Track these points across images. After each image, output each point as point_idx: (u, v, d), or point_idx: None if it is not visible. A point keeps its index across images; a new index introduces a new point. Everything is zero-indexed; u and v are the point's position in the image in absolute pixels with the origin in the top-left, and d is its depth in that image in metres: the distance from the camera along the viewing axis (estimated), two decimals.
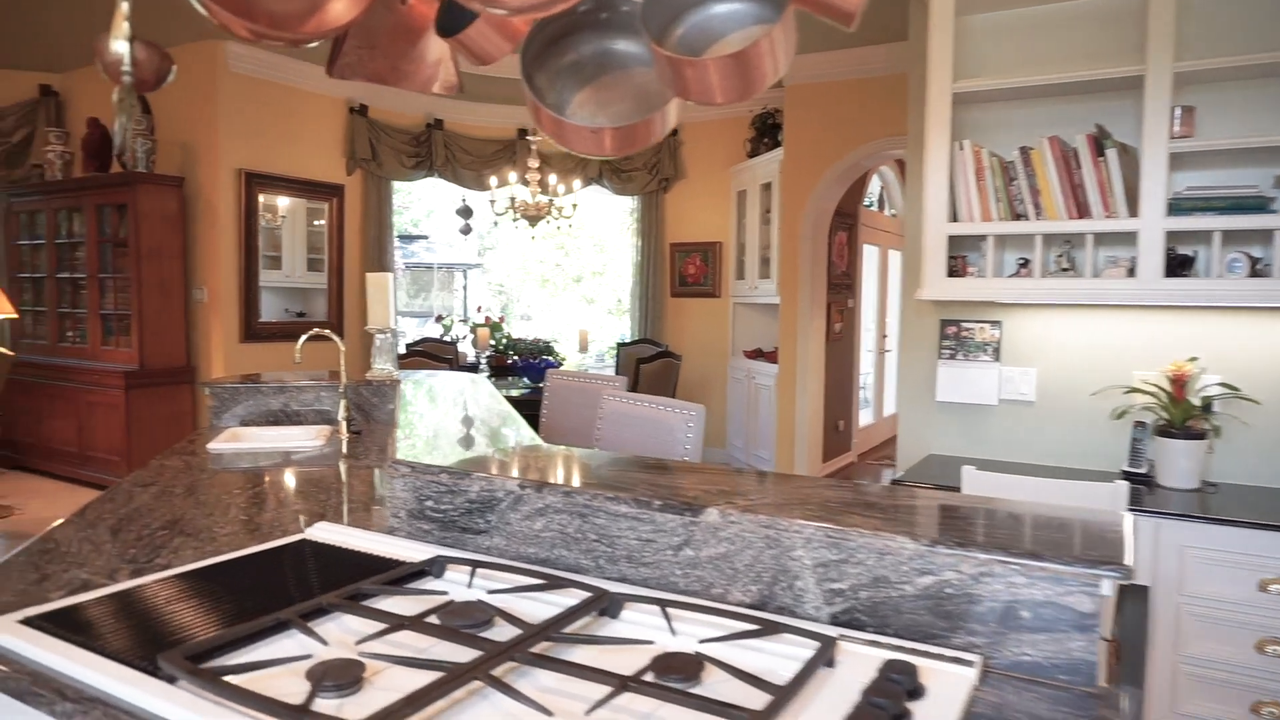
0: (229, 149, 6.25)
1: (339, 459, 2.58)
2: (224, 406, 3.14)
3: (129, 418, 5.97)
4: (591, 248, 17.62)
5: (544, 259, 17.32)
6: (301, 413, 3.18)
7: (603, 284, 17.69)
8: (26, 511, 5.67)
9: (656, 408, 2.42)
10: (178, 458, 2.56)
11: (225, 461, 2.53)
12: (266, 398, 3.16)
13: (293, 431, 2.96)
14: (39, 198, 6.75)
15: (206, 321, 6.38)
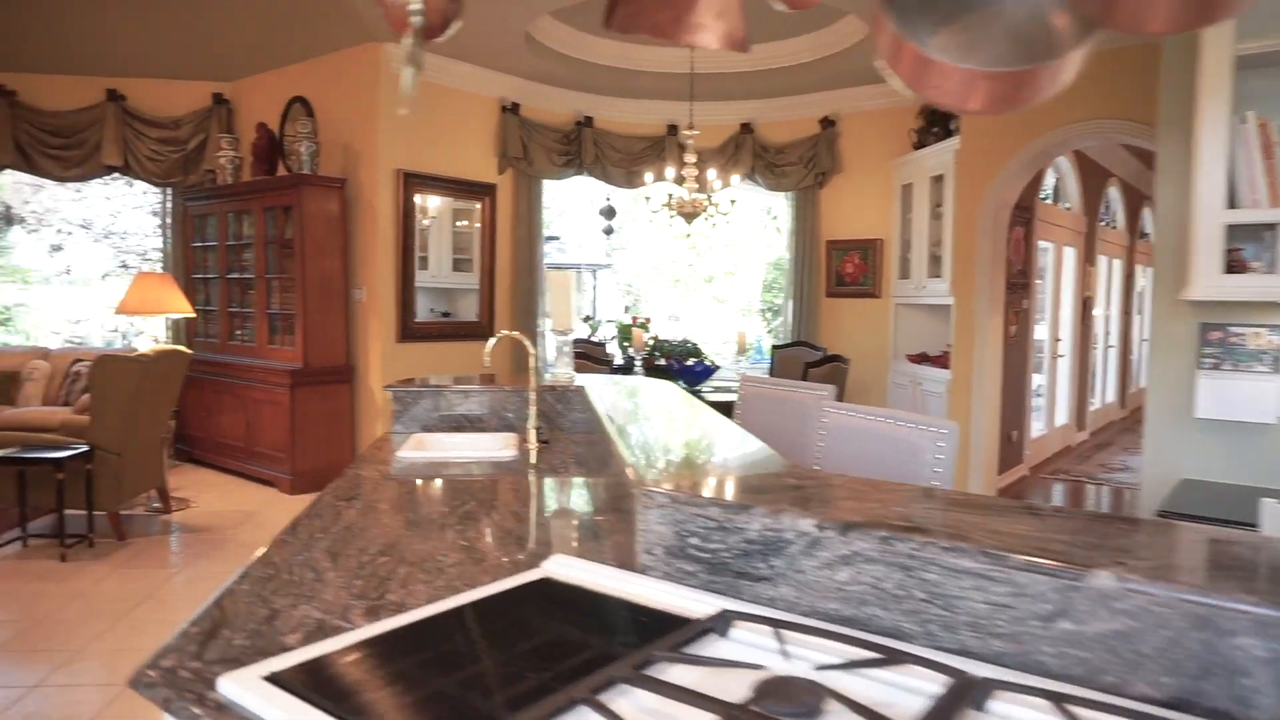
0: (388, 149, 6.29)
1: (533, 470, 2.40)
2: (405, 410, 3.03)
3: (293, 415, 6.08)
4: (724, 247, 17.28)
5: (675, 258, 17.13)
6: (484, 418, 3.03)
7: (734, 284, 17.35)
8: (200, 504, 5.85)
9: (896, 423, 2.12)
10: (370, 467, 2.43)
11: (418, 472, 2.38)
12: (450, 402, 3.03)
13: (480, 440, 2.81)
14: (211, 201, 7.00)
15: (365, 321, 6.45)
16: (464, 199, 6.87)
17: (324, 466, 6.29)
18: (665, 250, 16.40)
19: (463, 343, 6.88)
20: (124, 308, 5.51)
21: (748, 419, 3.05)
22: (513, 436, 2.85)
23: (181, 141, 7.37)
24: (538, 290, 7.32)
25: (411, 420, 3.04)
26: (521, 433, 2.93)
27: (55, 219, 9.98)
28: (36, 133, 7.25)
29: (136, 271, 10.15)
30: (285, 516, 5.50)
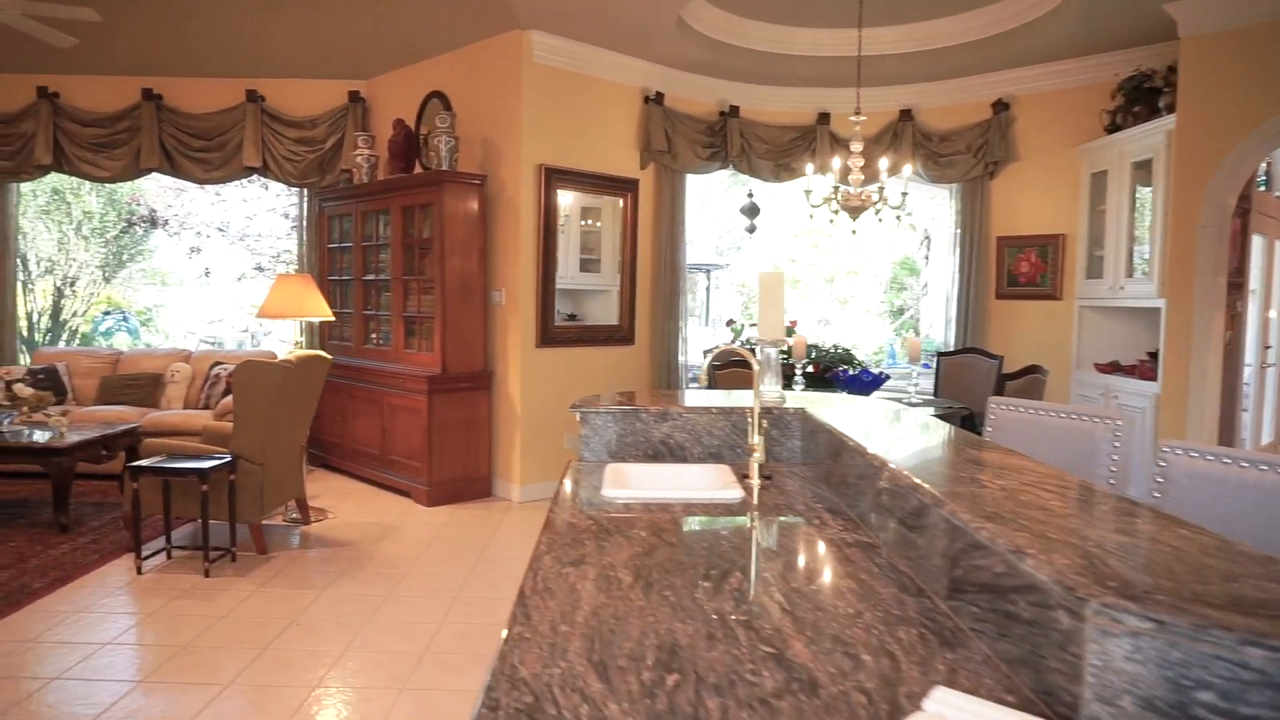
0: (531, 144, 5.95)
1: (773, 518, 1.92)
2: (596, 434, 2.60)
3: (430, 423, 5.81)
4: (848, 245, 16.48)
5: (796, 258, 16.47)
6: (685, 445, 2.57)
7: (856, 284, 16.56)
8: (337, 514, 5.63)
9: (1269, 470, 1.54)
10: (575, 511, 2.00)
11: (636, 518, 1.93)
12: (646, 426, 2.58)
13: (688, 474, 2.35)
14: (347, 201, 6.83)
15: (503, 325, 6.13)
16: (606, 195, 6.48)
17: (461, 477, 6.00)
18: (786, 249, 15.77)
19: (602, 348, 6.49)
20: (265, 311, 5.33)
21: None
22: (725, 470, 2.37)
23: (318, 141, 7.24)
24: (680, 291, 6.87)
25: (600, 446, 2.61)
26: (734, 464, 2.45)
27: (194, 222, 10.13)
28: (181, 135, 7.25)
29: (275, 274, 10.22)
30: (425, 531, 5.21)
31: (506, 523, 5.50)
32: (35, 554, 4.67)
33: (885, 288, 15.78)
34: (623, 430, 2.59)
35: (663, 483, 2.30)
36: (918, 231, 13.56)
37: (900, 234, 15.55)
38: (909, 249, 14.74)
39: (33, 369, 6.87)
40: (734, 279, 17.86)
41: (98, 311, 10.32)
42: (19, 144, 7.25)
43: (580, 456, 2.62)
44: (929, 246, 14.20)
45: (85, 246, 9.61)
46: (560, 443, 6.26)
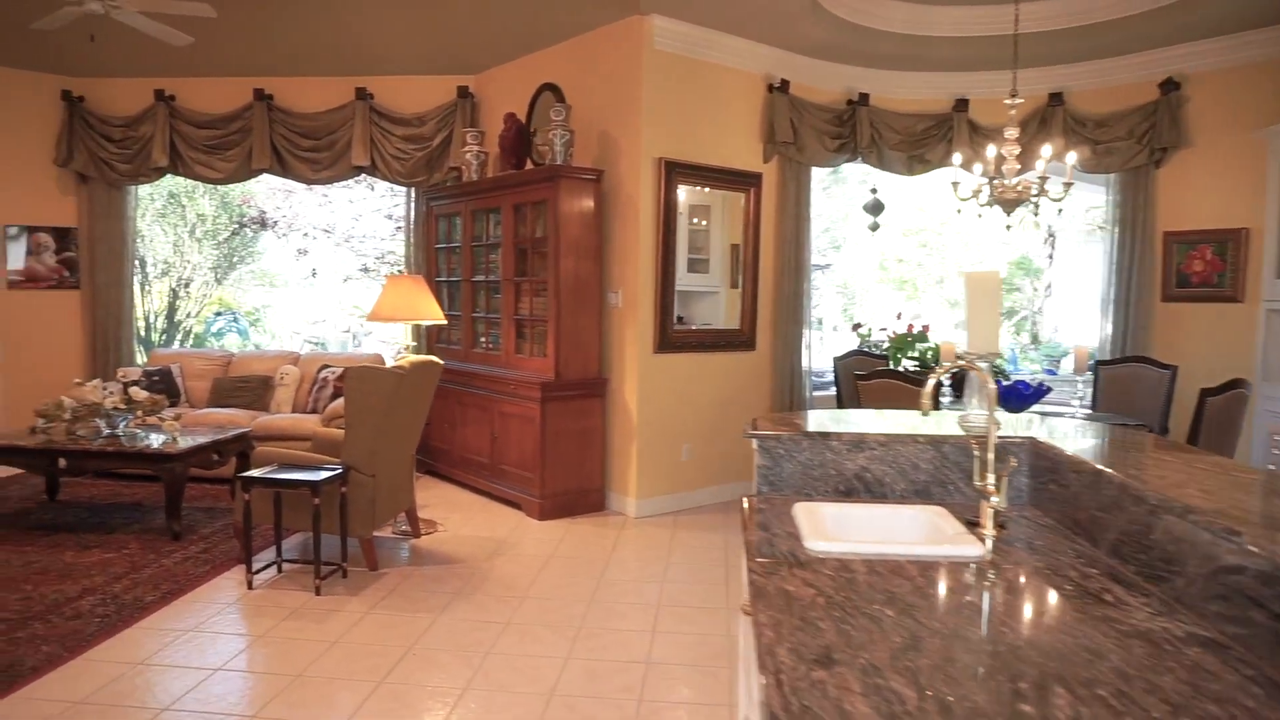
0: (651, 136, 5.58)
1: (1036, 583, 1.47)
2: (776, 465, 2.19)
3: (544, 432, 5.50)
4: (961, 244, 15.63)
5: (904, 257, 15.71)
6: (885, 480, 2.14)
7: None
8: (447, 527, 5.37)
9: None
10: (789, 574, 1.59)
11: (861, 582, 1.52)
12: (838, 456, 2.16)
13: (899, 517, 1.93)
14: (456, 200, 6.60)
15: (620, 329, 5.78)
16: (727, 190, 6.06)
17: (574, 490, 5.68)
18: (892, 248, 15.03)
19: (722, 354, 6.08)
20: (376, 314, 5.11)
21: None
22: (943, 514, 1.93)
23: (426, 139, 7.05)
24: (804, 294, 6.40)
25: (781, 478, 2.20)
26: (943, 502, 2.01)
27: (301, 224, 10.16)
28: (291, 135, 7.16)
29: (380, 275, 10.17)
30: (539, 548, 4.89)
31: (624, 541, 5.14)
32: (149, 563, 4.54)
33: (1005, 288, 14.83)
34: (809, 461, 2.17)
35: (872, 530, 1.88)
36: (1041, 228, 12.67)
37: (1022, 231, 14.56)
38: (1026, 247, 13.82)
39: (148, 370, 6.88)
40: (835, 280, 17.16)
41: (210, 312, 10.47)
42: (137, 147, 7.29)
43: (756, 490, 2.22)
44: (1054, 245, 13.28)
45: (199, 249, 9.73)
46: (678, 454, 5.87)
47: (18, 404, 7.23)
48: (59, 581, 4.22)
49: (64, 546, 4.80)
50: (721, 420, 6.10)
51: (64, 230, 7.45)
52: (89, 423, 5.24)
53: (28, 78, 7.22)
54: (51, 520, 5.35)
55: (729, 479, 6.20)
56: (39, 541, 4.89)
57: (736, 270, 6.10)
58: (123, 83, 7.37)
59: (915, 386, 4.28)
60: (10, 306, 7.24)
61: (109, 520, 5.36)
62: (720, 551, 4.96)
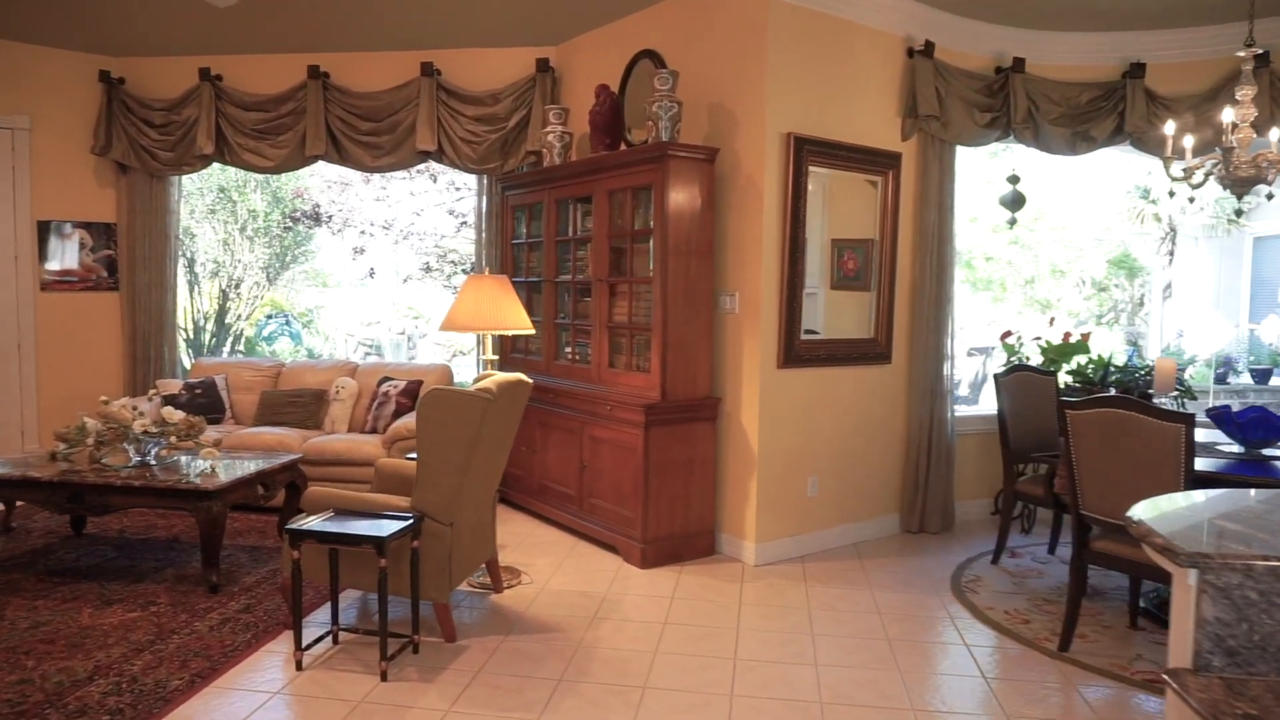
0: (777, 108, 4.63)
1: None
2: (1246, 621, 1.21)
3: (647, 463, 4.57)
4: (1054, 239, 14.32)
5: (993, 255, 14.48)
6: None
7: (1058, 286, 14.40)
8: (533, 575, 4.47)
9: None
10: None
11: None
12: None
13: None
14: (537, 188, 5.71)
15: (735, 339, 4.83)
16: (862, 173, 5.08)
17: (680, 532, 4.75)
18: (980, 244, 13.81)
19: (851, 368, 5.09)
20: (452, 322, 4.22)
21: None
22: None
23: (500, 119, 6.17)
24: (947, 297, 5.38)
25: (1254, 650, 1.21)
26: None
27: (357, 220, 9.39)
28: (348, 117, 6.34)
29: (444, 275, 9.36)
30: (649, 608, 3.96)
31: (750, 600, 4.19)
32: (179, 626, 3.71)
33: (1092, 289, 13.56)
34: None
35: None
36: (1162, 222, 11.40)
37: (1132, 226, 13.24)
38: (1131, 243, 12.52)
39: (190, 383, 6.11)
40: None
41: (261, 315, 9.78)
42: (180, 132, 6.54)
43: (1193, 660, 1.24)
44: (1174, 241, 11.92)
45: (250, 247, 9.01)
46: (804, 488, 4.91)
47: (53, 418, 6.52)
48: (67, 655, 3.40)
49: (83, 599, 4.00)
50: (853, 447, 5.12)
51: (102, 226, 6.74)
52: (116, 448, 4.45)
53: (63, 57, 6.52)
54: (74, 561, 4.57)
55: (861, 516, 5.22)
56: (55, 592, 4.10)
57: (834, 268, 5.09)
58: (165, 62, 6.63)
59: (1163, 421, 3.24)
60: (44, 309, 6.54)
61: (138, 562, 4.57)
62: (874, 617, 3.97)
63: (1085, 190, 11.49)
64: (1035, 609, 4.10)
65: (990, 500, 5.79)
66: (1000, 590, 4.36)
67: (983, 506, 5.80)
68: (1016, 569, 4.71)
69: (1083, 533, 3.58)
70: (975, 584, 4.44)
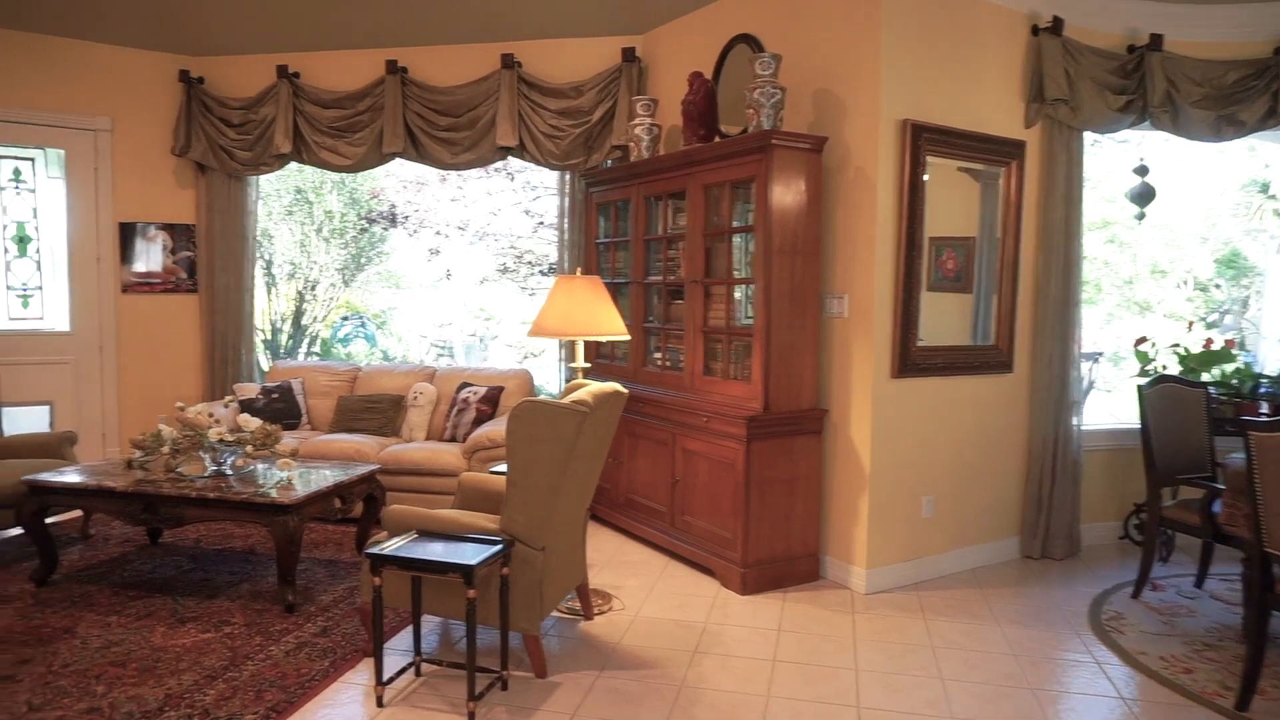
0: (892, 92, 4.22)
1: None
2: None
3: (748, 480, 4.20)
4: (1155, 237, 13.44)
5: (1088, 255, 13.67)
6: None
7: (1157, 286, 13.54)
8: (624, 599, 4.14)
9: None
10: None
11: None
12: None
13: None
14: (623, 184, 5.39)
15: (843, 345, 4.43)
16: (984, 163, 4.63)
17: (782, 555, 4.36)
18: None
19: (970, 378, 4.64)
20: (541, 327, 3.92)
21: None
22: None
23: (584, 112, 5.87)
24: (1074, 301, 4.88)
25: None
26: None
27: (433, 220, 9.22)
28: (427, 113, 6.12)
29: (520, 275, 9.13)
30: (754, 642, 3.59)
31: (864, 634, 3.79)
32: (253, 650, 3.48)
33: (1193, 290, 12.68)
34: None
35: None
36: None
37: (1246, 222, 12.32)
38: (1239, 241, 11.62)
39: (267, 387, 5.96)
40: None
41: (337, 317, 9.70)
42: (258, 131, 6.41)
43: None
44: None
45: (326, 249, 8.91)
46: (918, 509, 4.48)
47: (133, 421, 6.46)
48: (138, 680, 3.19)
49: (156, 616, 3.82)
50: (970, 464, 4.67)
51: (182, 227, 6.66)
52: (192, 457, 4.27)
53: (144, 58, 6.45)
54: (149, 573, 4.41)
55: (978, 539, 4.76)
56: (129, 607, 3.92)
57: (932, 268, 4.62)
58: (243, 60, 6.52)
59: None
60: (126, 311, 6.48)
61: (213, 576, 4.38)
62: (1009, 659, 3.53)
63: (1192, 185, 10.73)
64: (1195, 655, 3.61)
65: (1119, 524, 5.26)
66: (1149, 631, 3.87)
67: (1108, 530, 5.28)
68: (1162, 605, 4.20)
69: (1266, 573, 3.09)
70: (1118, 622, 3.96)
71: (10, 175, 6.13)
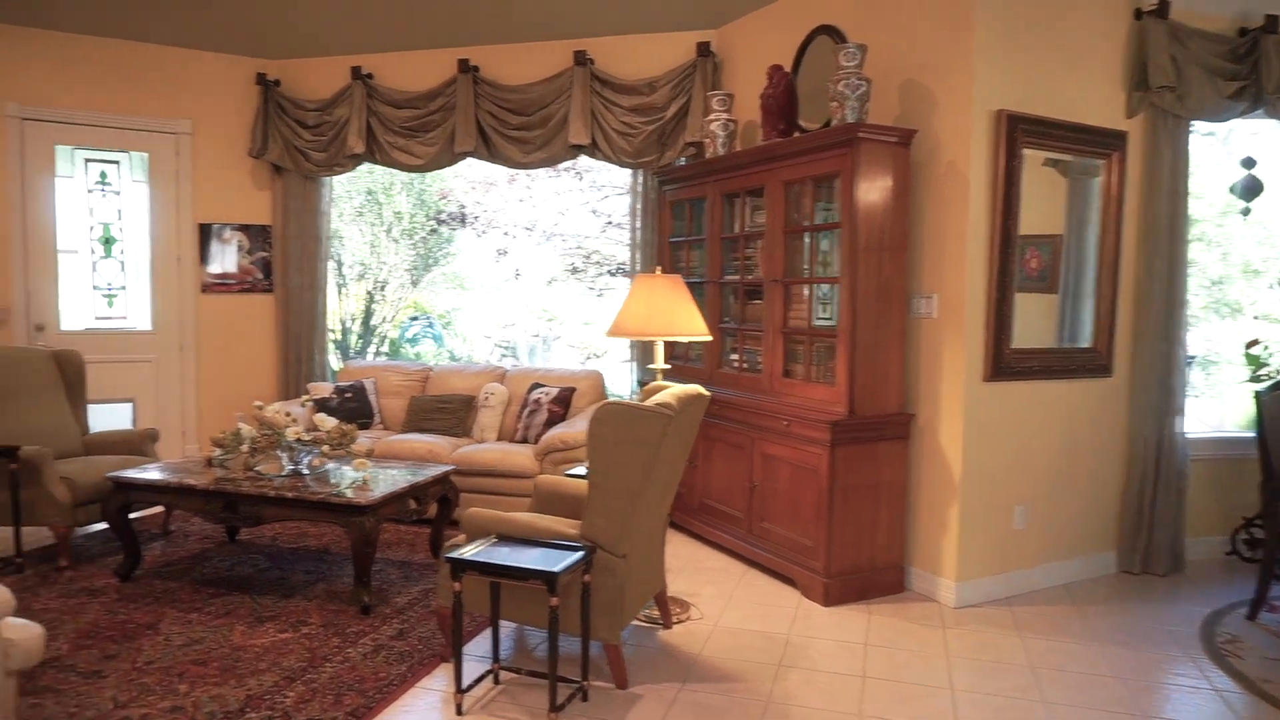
0: (987, 81, 4.02)
1: None
2: None
3: (832, 486, 4.04)
4: (1247, 235, 12.79)
5: (1231, 249, 13.08)
6: None
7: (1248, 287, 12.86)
8: (701, 607, 4.02)
9: None
10: None
11: None
12: None
13: None
14: (698, 181, 5.26)
15: (932, 346, 4.24)
16: (1084, 155, 4.38)
17: (865, 566, 4.19)
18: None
19: (1066, 382, 4.40)
20: (621, 328, 3.83)
21: None
22: None
23: (657, 109, 5.76)
24: (1180, 301, 4.60)
25: None
26: None
27: (501, 220, 9.22)
28: (498, 111, 6.09)
29: (587, 276, 9.08)
30: (840, 656, 3.43)
31: (957, 650, 3.60)
32: (331, 652, 3.45)
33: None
34: None
35: None
36: None
37: None
38: None
39: (340, 386, 5.99)
40: None
41: (405, 317, 9.77)
42: (332, 132, 6.45)
43: None
44: None
45: (395, 249, 8.98)
46: (1010, 519, 4.26)
47: (210, 419, 6.56)
48: (219, 680, 3.18)
49: (235, 614, 3.82)
50: (1065, 472, 4.44)
51: (258, 228, 6.74)
52: (270, 455, 4.28)
53: (222, 61, 6.55)
54: (228, 570, 4.44)
55: (1073, 552, 4.52)
56: (209, 605, 3.94)
57: (1016, 268, 4.39)
58: (318, 62, 6.58)
59: None
60: (204, 310, 6.59)
61: (289, 574, 4.38)
62: (1116, 684, 3.31)
63: None
64: None
65: (1225, 539, 4.95)
66: (1272, 657, 3.60)
67: (1214, 546, 4.97)
68: None
69: None
70: (1235, 646, 3.70)
71: (97, 179, 6.28)
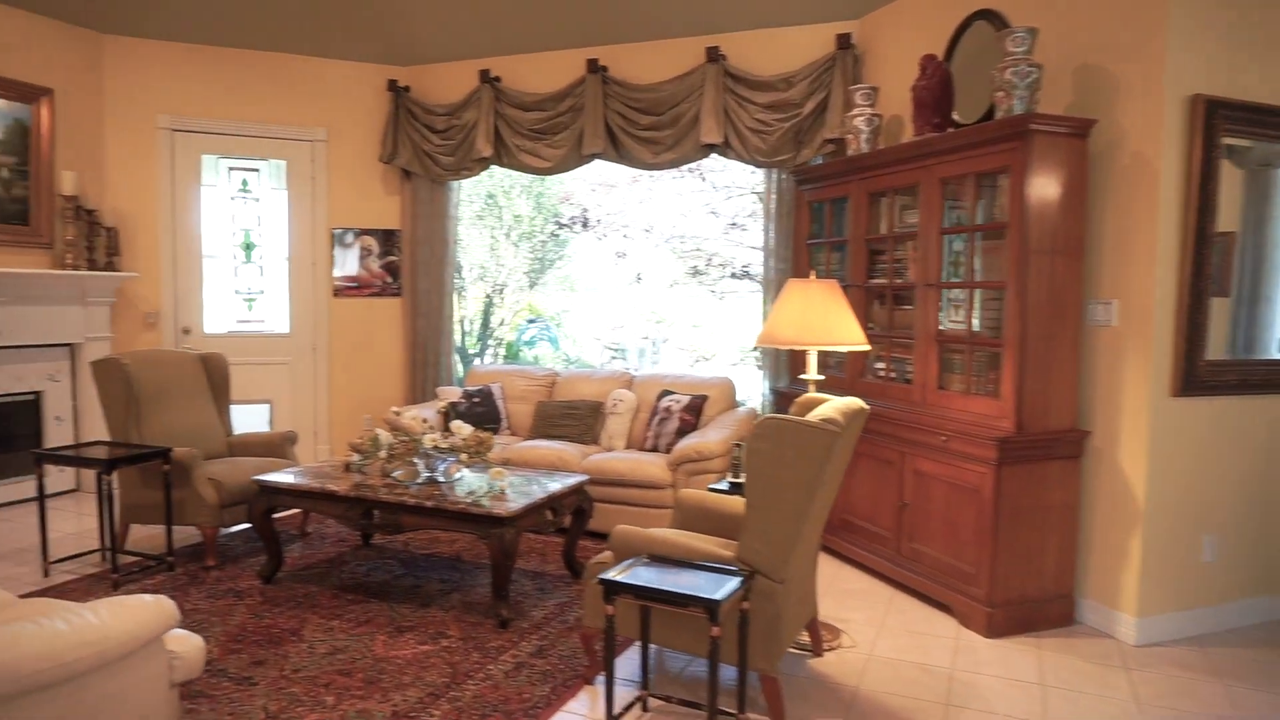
0: (1181, 62, 3.62)
1: None
2: None
3: (997, 509, 3.72)
4: None
5: None
6: None
7: None
8: (853, 634, 3.77)
9: None
10: None
11: None
12: None
13: None
14: (840, 180, 4.99)
15: (1112, 357, 3.86)
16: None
17: (1032, 596, 3.85)
18: None
19: (1264, 398, 3.94)
20: (771, 335, 3.62)
21: None
22: None
23: (794, 105, 5.52)
24: None
25: None
26: None
27: (620, 222, 9.12)
28: (628, 111, 5.96)
29: (708, 280, 8.90)
30: (1011, 696, 3.12)
31: (1149, 697, 3.23)
32: (472, 668, 3.36)
33: None
34: None
35: None
36: None
37: None
38: None
39: (468, 391, 5.97)
40: None
41: (521, 319, 9.80)
42: (460, 136, 6.47)
43: None
44: None
45: (514, 252, 9.00)
46: (1197, 550, 3.84)
47: (341, 422, 6.68)
48: (365, 693, 3.13)
49: (375, 623, 3.79)
50: (1262, 500, 3.98)
51: (387, 233, 6.83)
52: (406, 462, 4.25)
53: (356, 69, 6.66)
54: (364, 576, 4.43)
55: (1272, 589, 4.05)
56: (348, 611, 3.92)
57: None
58: (447, 67, 6.61)
59: None
60: (336, 314, 6.71)
61: (424, 582, 4.34)
62: None
63: None
64: None
65: None
66: None
67: None
68: None
69: None
70: None
71: (239, 186, 6.46)
